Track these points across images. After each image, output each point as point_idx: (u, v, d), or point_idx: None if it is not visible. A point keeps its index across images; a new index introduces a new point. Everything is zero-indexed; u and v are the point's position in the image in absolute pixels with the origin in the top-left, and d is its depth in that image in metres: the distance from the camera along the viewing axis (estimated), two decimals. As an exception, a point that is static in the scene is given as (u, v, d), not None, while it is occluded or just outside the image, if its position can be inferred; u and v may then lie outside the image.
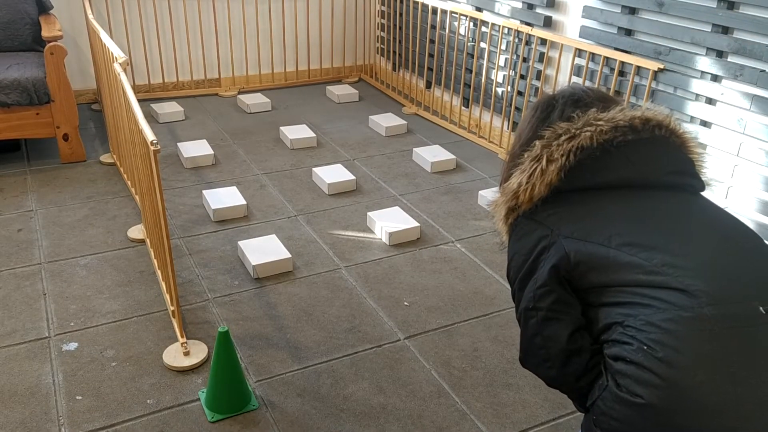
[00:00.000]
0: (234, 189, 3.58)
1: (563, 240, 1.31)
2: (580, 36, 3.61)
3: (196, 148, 4.06)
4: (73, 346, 2.50)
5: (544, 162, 1.37)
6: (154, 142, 2.18)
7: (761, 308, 1.15)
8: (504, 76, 4.15)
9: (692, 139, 1.45)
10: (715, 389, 1.11)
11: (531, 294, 1.33)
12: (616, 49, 3.40)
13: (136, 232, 3.21)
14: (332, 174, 3.75)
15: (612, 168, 1.36)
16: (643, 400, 1.15)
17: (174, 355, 2.43)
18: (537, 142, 1.40)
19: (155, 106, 4.72)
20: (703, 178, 1.45)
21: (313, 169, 3.84)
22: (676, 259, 1.21)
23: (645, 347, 1.15)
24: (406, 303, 2.79)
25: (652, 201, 1.34)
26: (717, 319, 1.14)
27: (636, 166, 1.36)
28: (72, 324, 2.61)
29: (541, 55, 3.90)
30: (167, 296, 2.69)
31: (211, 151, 4.04)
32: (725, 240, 1.30)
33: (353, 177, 3.75)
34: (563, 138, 1.38)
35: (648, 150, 1.38)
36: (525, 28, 3.87)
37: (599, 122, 1.38)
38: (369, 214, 3.36)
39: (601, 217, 1.32)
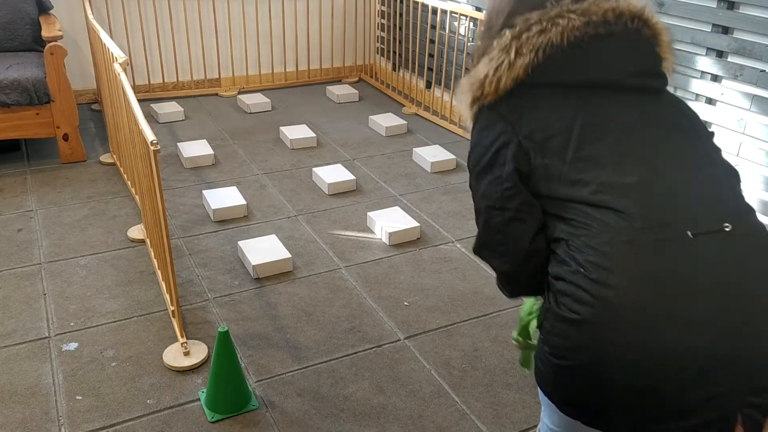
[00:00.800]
0: (234, 189, 3.58)
1: (522, 140, 1.31)
2: (580, 36, 3.61)
3: (196, 148, 4.06)
4: (73, 346, 2.50)
5: (512, 55, 1.33)
6: (154, 142, 2.18)
7: (689, 233, 1.19)
8: (504, 76, 4.14)
9: (664, 30, 1.40)
10: (645, 307, 1.17)
11: (498, 194, 1.33)
12: (616, 49, 3.40)
13: (136, 232, 3.21)
14: (332, 174, 3.76)
15: (578, 67, 1.33)
16: (579, 317, 1.22)
17: (174, 355, 2.43)
18: (507, 32, 1.35)
19: (155, 106, 4.72)
20: (668, 75, 1.41)
21: (313, 169, 3.84)
22: (622, 177, 1.24)
23: (582, 269, 1.22)
24: (406, 303, 2.79)
25: (613, 108, 1.32)
26: (650, 242, 1.19)
27: (602, 66, 1.34)
28: (72, 324, 2.61)
29: (541, 55, 3.89)
30: (167, 296, 2.69)
31: (211, 151, 4.04)
32: (676, 154, 1.29)
33: (353, 177, 3.75)
34: (534, 30, 1.33)
35: (617, 47, 1.34)
36: (525, 28, 3.87)
37: (572, 15, 1.33)
38: (369, 214, 3.36)
39: (561, 122, 1.31)
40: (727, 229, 1.20)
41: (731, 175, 1.32)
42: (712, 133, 1.39)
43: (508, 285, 1.45)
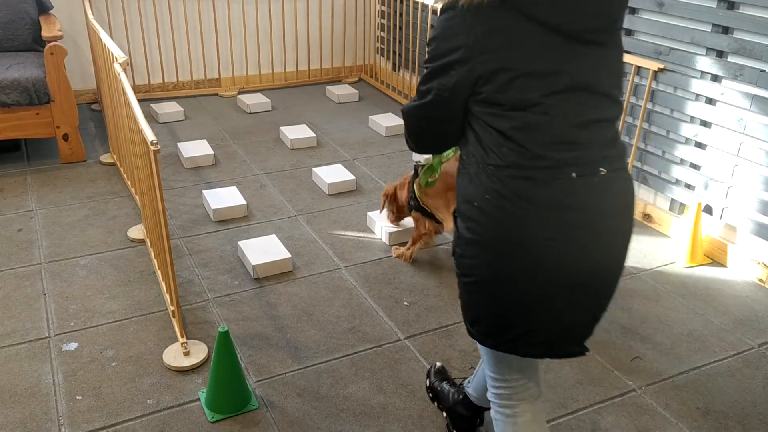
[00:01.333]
0: (234, 189, 3.58)
1: (477, 64, 1.39)
2: (580, 36, 3.61)
3: (196, 148, 4.06)
4: (73, 346, 2.50)
5: None
6: (154, 142, 2.18)
7: (573, 174, 1.40)
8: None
9: None
10: (536, 231, 1.41)
11: (438, 95, 1.47)
12: (616, 49, 3.40)
13: (136, 232, 3.21)
14: (332, 174, 3.75)
15: (543, 6, 1.37)
16: (482, 238, 1.45)
17: (174, 355, 2.43)
18: None
19: (155, 106, 4.72)
20: (620, 31, 1.49)
21: (313, 169, 3.84)
22: (537, 121, 1.39)
23: (488, 196, 1.43)
24: (406, 303, 2.79)
25: (568, 59, 1.40)
26: (544, 179, 1.40)
27: (574, 14, 1.39)
28: (72, 324, 2.61)
29: (541, 55, 3.89)
30: (167, 296, 2.69)
31: (211, 151, 4.04)
32: (583, 108, 1.42)
33: (353, 177, 3.75)
34: None
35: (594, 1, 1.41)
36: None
37: None
38: (369, 214, 3.36)
39: (516, 59, 1.38)
40: (602, 173, 1.43)
41: (615, 125, 1.49)
42: (622, 75, 1.53)
43: (413, 147, 1.68)
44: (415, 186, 2.91)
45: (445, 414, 2.15)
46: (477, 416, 2.09)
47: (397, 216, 3.15)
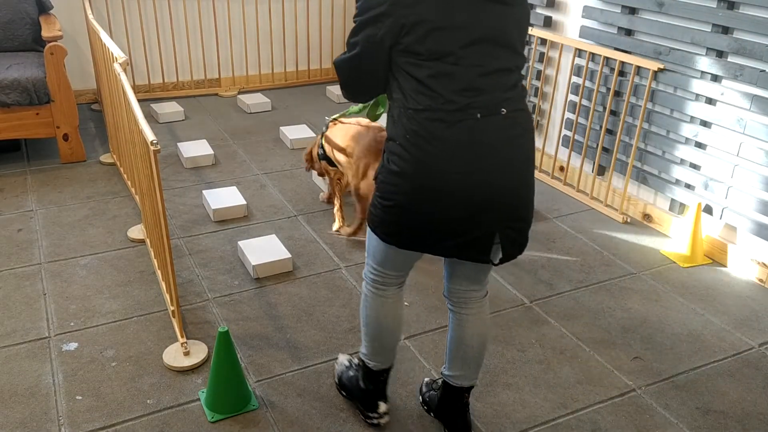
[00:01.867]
0: (234, 189, 3.58)
1: (401, 17, 1.60)
2: (580, 36, 3.61)
3: (196, 148, 4.06)
4: (73, 346, 2.50)
5: None
6: (154, 142, 2.18)
7: (478, 115, 1.65)
8: (504, 76, 4.14)
9: None
10: (447, 163, 1.67)
11: (366, 46, 1.68)
12: (616, 49, 3.40)
13: (136, 232, 3.21)
14: (332, 174, 3.75)
15: None
16: (401, 170, 1.72)
17: (174, 355, 2.43)
18: None
19: (155, 106, 4.72)
20: None
21: (313, 169, 3.84)
22: (450, 70, 1.63)
23: (407, 135, 1.69)
24: (406, 303, 2.79)
25: (481, 15, 1.62)
26: (454, 120, 1.65)
27: None
28: (72, 324, 2.61)
29: (541, 55, 3.90)
30: (167, 296, 2.69)
31: (211, 151, 4.04)
32: (489, 58, 1.66)
33: (353, 177, 3.75)
34: None
35: None
36: (525, 28, 3.87)
37: None
38: (369, 214, 3.36)
39: (435, 13, 1.60)
40: (503, 113, 1.68)
41: (516, 73, 1.72)
42: (526, 31, 1.74)
43: (348, 96, 1.87)
44: (323, 139, 3.23)
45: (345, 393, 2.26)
46: (377, 388, 2.16)
47: (319, 171, 3.43)
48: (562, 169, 3.88)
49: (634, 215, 3.54)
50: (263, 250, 3.01)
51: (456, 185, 1.69)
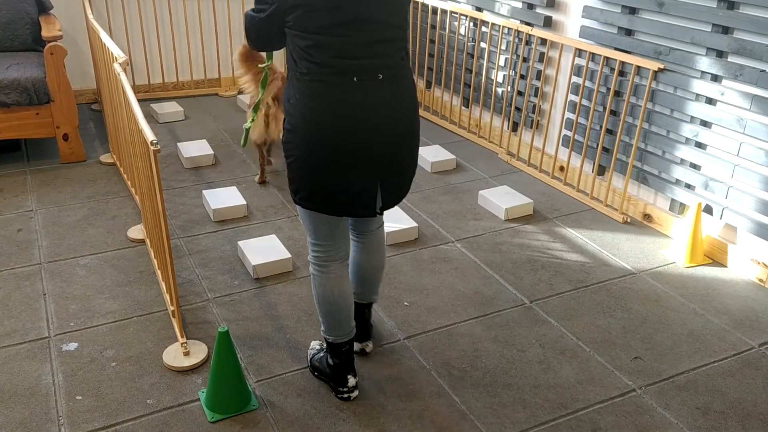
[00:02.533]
0: (234, 189, 3.58)
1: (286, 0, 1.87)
2: (580, 36, 3.61)
3: (196, 148, 4.06)
4: (73, 346, 2.50)
5: None
6: (154, 142, 2.18)
7: (355, 78, 1.91)
8: (504, 76, 4.15)
9: None
10: (330, 119, 1.93)
11: (261, 17, 1.95)
12: (616, 49, 3.40)
13: (136, 232, 3.21)
14: (332, 174, 3.75)
15: None
16: (294, 128, 1.98)
17: (174, 355, 2.43)
18: None
19: (155, 106, 4.72)
20: None
21: (313, 169, 3.84)
22: (328, 41, 1.87)
23: (297, 95, 1.95)
24: (406, 303, 2.79)
25: None
26: (333, 83, 1.90)
27: None
28: (72, 324, 2.61)
29: (541, 55, 3.90)
30: (167, 296, 2.69)
31: (211, 151, 4.04)
32: (369, 31, 1.90)
33: (353, 177, 3.75)
34: None
35: None
36: (525, 28, 3.87)
37: None
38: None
39: None
40: (380, 78, 1.94)
41: (394, 43, 1.96)
42: (402, 8, 1.96)
43: (252, 45, 2.13)
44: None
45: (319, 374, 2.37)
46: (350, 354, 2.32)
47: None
48: (562, 169, 3.88)
49: (634, 215, 3.54)
50: (263, 250, 3.01)
51: (338, 138, 1.94)
